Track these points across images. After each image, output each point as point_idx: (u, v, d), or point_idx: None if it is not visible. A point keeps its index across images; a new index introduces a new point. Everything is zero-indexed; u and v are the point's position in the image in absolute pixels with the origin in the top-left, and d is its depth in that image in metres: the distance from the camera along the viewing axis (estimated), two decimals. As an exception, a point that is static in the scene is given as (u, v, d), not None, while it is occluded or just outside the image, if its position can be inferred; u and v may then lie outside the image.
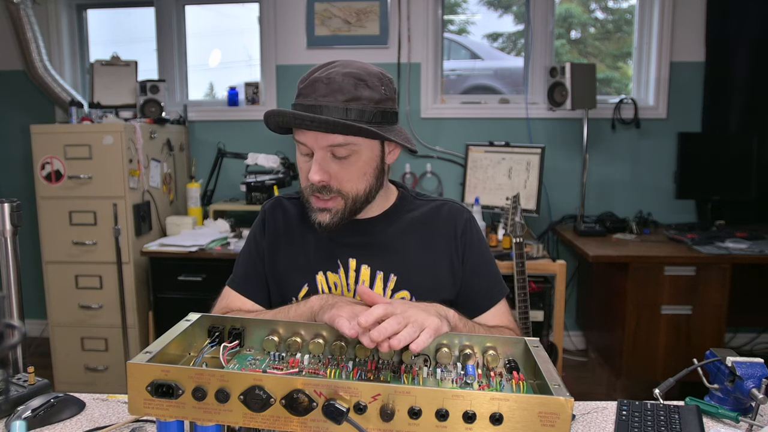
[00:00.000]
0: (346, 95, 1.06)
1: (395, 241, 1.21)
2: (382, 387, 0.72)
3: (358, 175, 1.11)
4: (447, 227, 1.23)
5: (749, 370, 1.01)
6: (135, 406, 0.76)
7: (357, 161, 1.10)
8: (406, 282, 1.17)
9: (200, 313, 0.97)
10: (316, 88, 1.07)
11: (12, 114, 3.56)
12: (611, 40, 3.66)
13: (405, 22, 3.33)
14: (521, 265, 2.41)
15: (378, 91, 1.08)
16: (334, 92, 1.06)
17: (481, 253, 1.23)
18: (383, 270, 1.18)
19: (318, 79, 1.07)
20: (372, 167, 1.12)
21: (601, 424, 1.02)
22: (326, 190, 1.10)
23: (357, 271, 1.19)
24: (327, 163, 1.09)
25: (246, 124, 3.48)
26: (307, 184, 1.12)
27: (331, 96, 1.05)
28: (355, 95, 1.06)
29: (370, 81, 1.08)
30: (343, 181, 1.10)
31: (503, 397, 0.71)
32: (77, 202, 2.81)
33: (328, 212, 1.12)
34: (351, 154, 1.09)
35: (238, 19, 3.68)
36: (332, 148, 1.07)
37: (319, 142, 1.07)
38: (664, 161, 3.33)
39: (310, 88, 1.08)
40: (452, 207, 1.26)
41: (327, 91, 1.06)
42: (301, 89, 1.09)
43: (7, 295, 1.22)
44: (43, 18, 3.37)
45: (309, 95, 1.07)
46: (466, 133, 3.40)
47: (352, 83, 1.06)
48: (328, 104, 1.05)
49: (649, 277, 2.67)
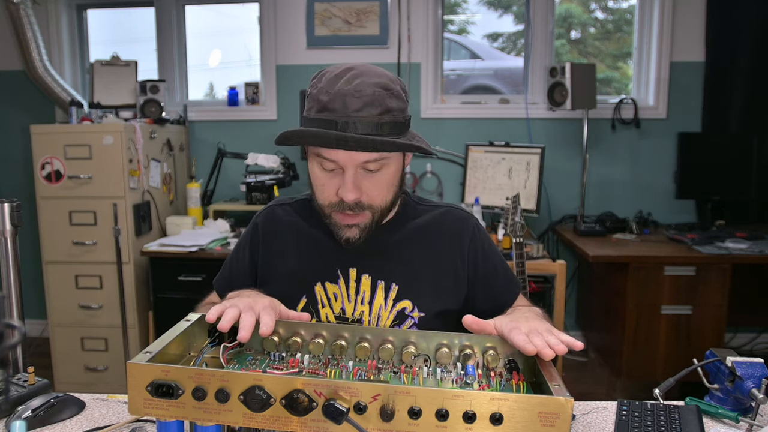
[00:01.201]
0: (378, 108, 1.02)
1: (397, 250, 1.18)
2: (382, 387, 0.72)
3: (387, 188, 1.10)
4: (452, 237, 1.20)
5: (749, 370, 1.01)
6: (135, 406, 0.76)
7: (387, 173, 1.08)
8: (407, 292, 1.15)
9: (200, 313, 0.97)
10: (347, 103, 1.01)
11: (12, 114, 3.56)
12: (611, 40, 3.66)
13: (405, 22, 3.33)
14: (521, 265, 2.41)
15: (403, 100, 1.07)
16: (366, 106, 1.01)
17: (493, 256, 1.22)
18: (384, 280, 1.15)
19: (347, 93, 1.01)
20: (398, 177, 1.12)
21: (601, 424, 1.02)
22: (358, 207, 1.07)
23: (357, 281, 1.16)
24: (359, 178, 1.06)
25: (246, 124, 3.48)
26: (333, 201, 1.08)
27: (365, 110, 1.01)
28: (387, 107, 1.03)
29: (395, 90, 1.05)
30: (374, 195, 1.08)
31: (503, 397, 0.71)
32: (77, 202, 2.81)
33: (356, 228, 1.10)
34: (382, 168, 1.07)
35: (238, 19, 3.68)
36: (365, 164, 1.05)
37: (354, 160, 1.03)
38: (664, 161, 3.33)
39: (338, 101, 1.02)
40: (457, 214, 1.23)
41: (359, 105, 1.01)
42: (327, 103, 1.03)
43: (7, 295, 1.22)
44: (43, 18, 3.37)
45: (337, 110, 1.02)
46: (466, 133, 3.40)
47: (383, 95, 1.03)
48: (362, 119, 1.01)
49: (649, 277, 2.67)
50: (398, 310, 1.14)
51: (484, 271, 1.20)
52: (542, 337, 0.86)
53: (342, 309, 1.15)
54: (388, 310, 1.14)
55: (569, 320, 3.50)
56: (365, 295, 1.15)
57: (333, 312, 1.15)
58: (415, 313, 1.14)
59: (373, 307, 1.14)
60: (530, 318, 0.97)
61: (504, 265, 1.24)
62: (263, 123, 3.48)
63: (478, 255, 1.20)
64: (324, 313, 1.15)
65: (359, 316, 1.14)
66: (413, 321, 1.14)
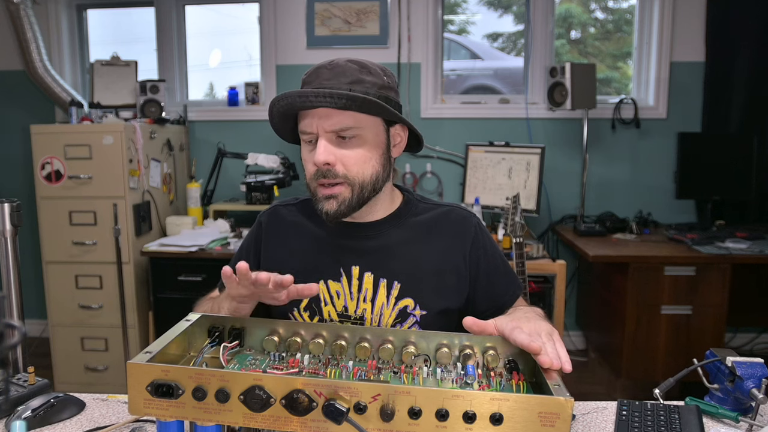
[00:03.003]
0: (350, 78, 1.07)
1: (400, 247, 1.17)
2: (382, 387, 0.72)
3: (363, 159, 1.09)
4: (455, 236, 1.19)
5: (749, 370, 1.01)
6: (135, 406, 0.76)
7: (362, 144, 1.09)
8: (409, 290, 1.14)
9: (200, 313, 0.97)
10: (320, 74, 1.08)
11: (12, 114, 3.56)
12: (611, 40, 3.66)
13: (405, 22, 3.34)
14: (521, 265, 2.41)
15: (380, 78, 1.10)
16: (337, 76, 1.07)
17: (495, 257, 1.22)
18: (387, 277, 1.15)
19: (321, 66, 1.09)
20: (378, 153, 1.11)
21: (601, 424, 1.02)
22: (332, 174, 1.08)
23: (360, 279, 1.15)
24: (333, 145, 1.08)
25: (246, 124, 3.48)
26: (312, 172, 1.10)
27: (335, 79, 1.06)
28: (359, 78, 1.07)
29: (373, 69, 1.10)
30: (349, 164, 1.08)
31: (503, 397, 0.71)
32: (77, 202, 2.81)
33: (334, 199, 1.10)
34: (356, 137, 1.08)
35: (238, 19, 3.68)
36: (337, 131, 1.07)
37: (324, 125, 1.07)
38: (664, 161, 3.33)
39: (313, 75, 1.09)
40: (459, 214, 1.23)
41: (330, 76, 1.07)
42: (305, 79, 1.11)
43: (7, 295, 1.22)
44: (43, 18, 3.37)
45: (312, 82, 1.08)
46: (466, 133, 3.40)
47: (356, 68, 1.08)
48: (332, 86, 1.05)
49: (649, 277, 2.67)
50: (400, 308, 1.14)
51: (486, 271, 1.20)
52: (542, 341, 0.86)
53: (344, 307, 1.15)
54: (390, 308, 1.14)
55: (569, 320, 3.50)
56: (367, 293, 1.15)
57: (336, 309, 1.16)
58: (417, 311, 1.14)
59: (375, 305, 1.14)
60: (532, 318, 0.97)
61: (506, 266, 1.24)
62: (263, 123, 3.48)
63: (480, 255, 1.20)
64: (327, 311, 1.16)
65: (361, 314, 1.15)
66: (415, 319, 1.14)
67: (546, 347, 0.85)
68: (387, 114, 1.09)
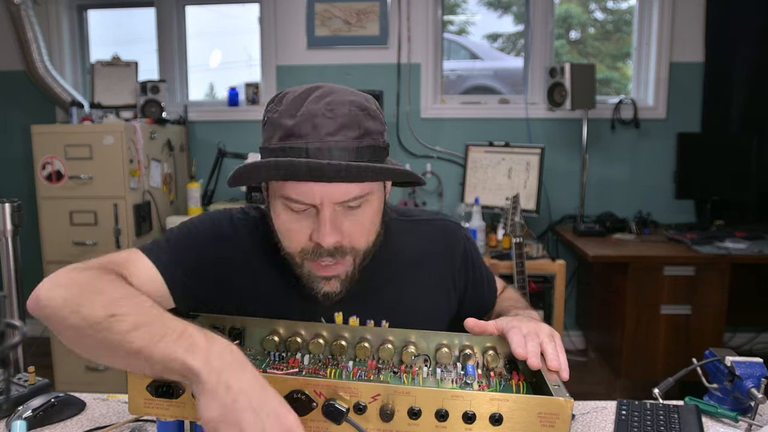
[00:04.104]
0: (356, 131, 0.85)
1: (387, 282, 1.04)
2: (382, 387, 0.72)
3: (369, 227, 0.92)
4: (443, 256, 1.09)
5: (748, 370, 1.01)
6: (135, 405, 0.76)
7: (368, 211, 0.90)
8: (399, 325, 1.00)
9: (200, 313, 0.97)
10: (318, 125, 0.83)
11: (13, 114, 3.56)
12: (611, 41, 3.66)
13: (405, 22, 3.34)
14: (521, 265, 2.41)
15: (381, 122, 0.91)
16: (342, 128, 0.84)
17: (480, 266, 1.18)
18: (374, 317, 1.02)
19: (317, 113, 0.84)
20: (380, 213, 0.94)
21: (601, 424, 1.02)
22: (340, 253, 0.89)
23: (345, 323, 1.02)
24: (338, 218, 0.88)
25: (246, 124, 3.48)
26: (306, 247, 0.90)
27: (340, 134, 0.83)
28: (366, 129, 0.86)
29: (372, 109, 0.89)
30: (356, 237, 0.90)
31: (503, 397, 0.71)
32: (78, 202, 2.81)
33: (336, 279, 0.92)
34: (363, 204, 0.89)
35: (239, 19, 3.68)
36: (346, 202, 0.87)
37: (332, 196, 0.85)
38: (664, 161, 3.33)
39: (307, 125, 0.84)
40: (444, 227, 1.12)
41: (334, 128, 0.83)
42: (292, 128, 0.84)
43: (8, 294, 1.23)
44: (43, 18, 3.37)
45: (308, 134, 0.83)
46: (466, 133, 3.40)
47: (359, 115, 0.86)
48: (338, 144, 0.83)
49: (648, 277, 2.67)
50: None
51: (473, 284, 1.16)
52: (538, 341, 0.85)
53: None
54: None
55: (569, 320, 3.50)
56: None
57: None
58: None
59: None
60: (532, 321, 0.95)
61: (487, 270, 1.21)
62: (263, 123, 3.48)
63: (469, 269, 1.14)
64: None
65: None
66: None
67: (547, 348, 0.85)
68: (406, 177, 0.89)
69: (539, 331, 0.88)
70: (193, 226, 1.03)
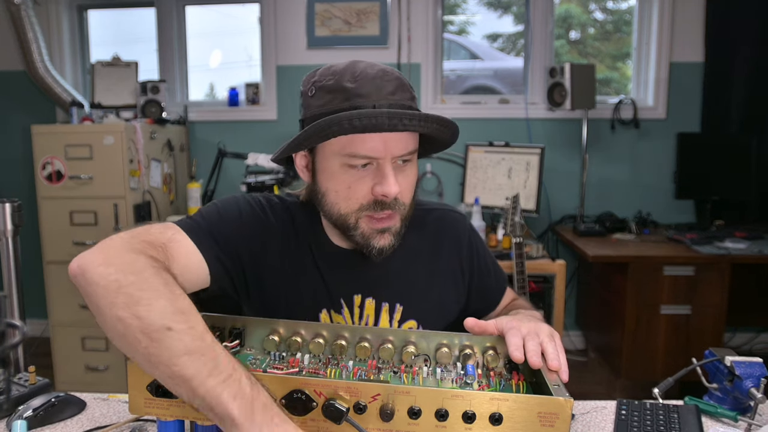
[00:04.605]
0: (408, 93, 0.95)
1: (401, 269, 1.09)
2: (382, 387, 0.72)
3: (413, 185, 1.00)
4: (451, 245, 1.14)
5: (748, 370, 1.01)
6: (135, 405, 0.76)
7: (413, 169, 0.99)
8: (412, 311, 1.09)
9: (200, 313, 0.97)
10: (380, 86, 0.92)
11: (13, 114, 3.56)
12: (610, 41, 3.66)
13: (405, 22, 3.34)
14: (521, 265, 2.41)
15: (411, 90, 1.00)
16: (398, 89, 0.93)
17: (486, 256, 1.21)
18: (388, 301, 1.08)
19: (376, 76, 0.92)
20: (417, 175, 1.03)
21: (601, 424, 1.02)
22: (399, 206, 0.96)
23: (361, 306, 1.07)
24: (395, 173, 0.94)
25: (246, 124, 3.49)
26: (364, 202, 0.95)
27: (399, 93, 0.93)
28: (413, 95, 0.96)
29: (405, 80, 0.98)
30: (405, 192, 0.98)
31: (503, 397, 0.71)
32: (78, 202, 2.82)
33: (389, 233, 0.97)
34: (411, 161, 0.98)
35: (239, 19, 3.68)
36: (404, 155, 0.94)
37: (394, 149, 0.92)
38: (664, 161, 3.33)
39: (369, 85, 0.91)
40: (451, 218, 1.17)
41: (392, 88, 0.92)
42: (354, 89, 0.91)
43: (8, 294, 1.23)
44: (44, 18, 3.37)
45: (371, 95, 0.91)
46: (466, 133, 3.39)
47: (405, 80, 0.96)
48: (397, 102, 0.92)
49: (648, 277, 2.67)
50: None
51: (479, 273, 1.18)
52: (538, 341, 0.86)
53: None
54: None
55: (569, 320, 3.50)
56: (369, 320, 1.08)
57: None
58: None
59: None
60: (533, 320, 0.96)
61: (494, 262, 1.23)
62: (263, 123, 3.48)
63: (474, 258, 1.17)
64: None
65: None
66: None
67: (547, 347, 0.85)
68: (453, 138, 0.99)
69: (539, 330, 0.89)
70: (229, 205, 1.05)
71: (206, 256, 0.96)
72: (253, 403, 0.69)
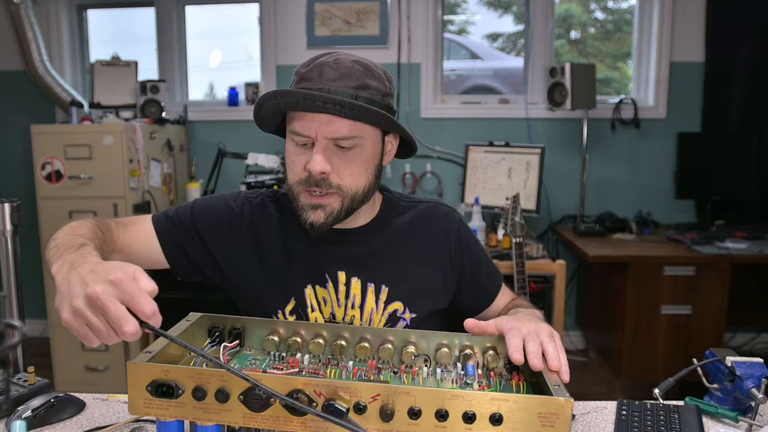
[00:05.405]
0: (356, 81, 1.00)
1: (385, 250, 1.14)
2: (382, 387, 0.72)
3: (360, 170, 1.04)
4: (439, 235, 1.18)
5: (749, 370, 1.01)
6: (135, 405, 0.76)
7: (360, 155, 1.03)
8: (398, 293, 1.13)
9: (200, 313, 0.97)
10: (324, 72, 1.00)
11: (12, 114, 3.56)
12: (611, 41, 3.66)
13: (405, 22, 3.34)
14: (521, 265, 2.41)
15: (384, 84, 1.05)
16: (343, 77, 0.99)
17: (477, 251, 1.22)
18: (374, 282, 1.12)
19: (325, 63, 1.01)
20: (373, 164, 1.06)
21: (601, 424, 1.02)
22: (325, 184, 1.01)
23: (347, 284, 1.12)
24: (330, 153, 1.01)
25: (246, 124, 3.48)
26: (301, 177, 1.03)
27: (341, 81, 0.99)
28: (365, 83, 1.01)
29: (377, 72, 1.04)
30: (344, 175, 1.02)
31: (503, 397, 0.71)
32: (77, 202, 2.81)
33: (322, 210, 1.04)
34: (354, 147, 1.01)
35: (239, 19, 3.68)
36: (337, 139, 1.00)
37: (324, 131, 0.99)
38: (664, 161, 3.33)
39: (315, 71, 1.01)
40: (441, 210, 1.21)
41: (336, 76, 0.99)
42: (304, 74, 1.02)
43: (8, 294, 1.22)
44: (43, 18, 3.37)
45: (313, 79, 1.00)
46: (466, 133, 3.40)
47: (362, 71, 1.01)
48: (338, 89, 0.98)
49: (648, 277, 2.67)
50: (390, 312, 1.13)
51: (470, 267, 1.19)
52: (538, 341, 0.85)
53: (332, 314, 1.13)
54: (380, 313, 1.12)
55: (569, 320, 3.50)
56: (356, 299, 1.12)
57: (323, 316, 1.13)
58: (406, 314, 1.13)
59: (364, 311, 1.12)
60: (533, 320, 0.96)
61: (487, 258, 1.24)
62: (263, 123, 3.48)
63: (464, 251, 1.19)
64: (313, 317, 1.12)
65: (350, 320, 1.13)
66: (405, 323, 1.13)
67: (548, 348, 0.85)
68: (393, 127, 1.04)
69: (539, 331, 0.88)
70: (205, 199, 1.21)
71: (161, 239, 1.14)
72: (74, 262, 0.81)
